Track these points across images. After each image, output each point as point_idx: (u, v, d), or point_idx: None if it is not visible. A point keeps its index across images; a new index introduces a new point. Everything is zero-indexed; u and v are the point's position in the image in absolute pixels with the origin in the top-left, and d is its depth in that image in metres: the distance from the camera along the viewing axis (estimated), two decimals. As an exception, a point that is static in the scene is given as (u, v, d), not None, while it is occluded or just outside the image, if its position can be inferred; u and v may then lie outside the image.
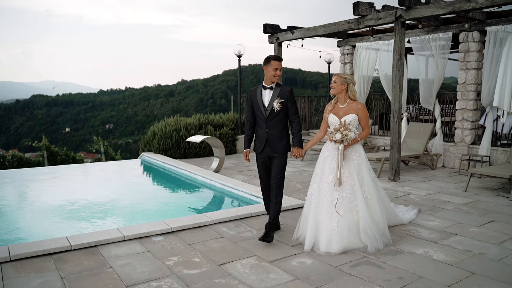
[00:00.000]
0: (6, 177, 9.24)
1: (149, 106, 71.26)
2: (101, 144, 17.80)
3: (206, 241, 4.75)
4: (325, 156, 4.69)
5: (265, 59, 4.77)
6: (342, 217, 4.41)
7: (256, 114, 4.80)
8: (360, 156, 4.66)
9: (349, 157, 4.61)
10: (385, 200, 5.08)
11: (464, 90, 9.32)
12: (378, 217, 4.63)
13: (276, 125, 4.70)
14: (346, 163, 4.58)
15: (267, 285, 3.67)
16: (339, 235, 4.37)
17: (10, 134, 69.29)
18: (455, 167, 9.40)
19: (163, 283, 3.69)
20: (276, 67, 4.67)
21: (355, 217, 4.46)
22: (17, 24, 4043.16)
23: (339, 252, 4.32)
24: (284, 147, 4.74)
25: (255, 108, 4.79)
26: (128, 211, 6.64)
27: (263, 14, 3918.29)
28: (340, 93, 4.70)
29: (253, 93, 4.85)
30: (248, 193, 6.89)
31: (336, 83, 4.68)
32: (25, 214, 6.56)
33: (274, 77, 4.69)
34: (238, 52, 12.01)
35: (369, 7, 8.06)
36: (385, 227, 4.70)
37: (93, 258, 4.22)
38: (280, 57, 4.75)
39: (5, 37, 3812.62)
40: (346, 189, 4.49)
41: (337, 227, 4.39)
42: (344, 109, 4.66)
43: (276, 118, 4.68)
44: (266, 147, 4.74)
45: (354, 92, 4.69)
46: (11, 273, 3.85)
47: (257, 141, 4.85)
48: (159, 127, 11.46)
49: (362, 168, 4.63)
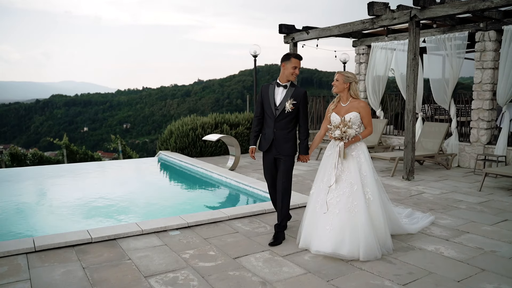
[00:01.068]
0: (30, 174, 9.55)
1: (165, 106, 71.96)
2: (119, 142, 18.10)
3: (221, 236, 4.89)
4: (327, 155, 4.58)
5: (284, 55, 4.60)
6: (336, 217, 4.24)
7: (265, 112, 4.62)
8: (363, 154, 4.50)
9: (350, 155, 4.47)
10: (389, 207, 4.79)
11: (480, 90, 9.28)
12: (380, 222, 4.37)
13: (284, 126, 4.53)
14: (347, 161, 4.44)
15: (279, 277, 3.79)
16: (331, 234, 4.20)
17: (30, 133, 70.72)
18: (470, 167, 9.38)
19: (180, 274, 3.83)
20: (296, 65, 4.50)
21: (353, 218, 4.23)
22: (38, 25, 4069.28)
23: (328, 253, 4.16)
24: (290, 149, 4.58)
25: (265, 105, 4.60)
26: (145, 207, 6.84)
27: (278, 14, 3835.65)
28: (342, 91, 4.57)
29: (265, 89, 4.65)
30: (262, 191, 7.01)
31: (338, 82, 4.56)
32: (48, 209, 6.81)
33: (291, 75, 4.52)
34: (254, 52, 12.16)
35: (384, 7, 8.11)
36: (387, 236, 4.41)
37: (112, 250, 4.39)
38: (300, 56, 4.59)
39: (26, 38, 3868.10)
40: (344, 187, 4.33)
41: (330, 226, 4.24)
42: (346, 108, 4.54)
43: (286, 119, 4.51)
44: (272, 147, 4.59)
45: (356, 91, 4.57)
46: (36, 262, 4.05)
47: (263, 139, 4.69)
48: (176, 126, 11.68)
49: (364, 167, 4.44)
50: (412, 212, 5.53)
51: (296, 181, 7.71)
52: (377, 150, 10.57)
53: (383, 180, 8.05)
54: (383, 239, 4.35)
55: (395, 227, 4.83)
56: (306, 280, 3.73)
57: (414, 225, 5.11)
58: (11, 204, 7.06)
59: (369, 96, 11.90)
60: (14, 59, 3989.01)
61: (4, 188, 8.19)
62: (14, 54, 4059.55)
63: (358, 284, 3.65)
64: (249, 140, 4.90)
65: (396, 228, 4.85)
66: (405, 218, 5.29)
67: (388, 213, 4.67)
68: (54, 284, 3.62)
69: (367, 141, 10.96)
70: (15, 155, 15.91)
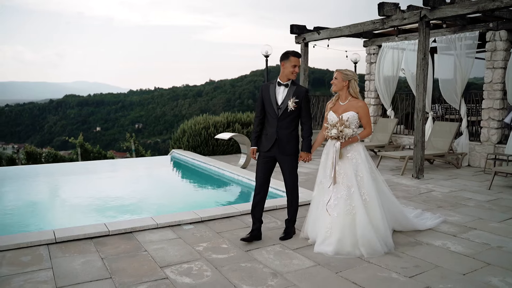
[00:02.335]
0: (47, 170, 9.83)
1: (177, 106, 72.46)
2: (132, 141, 18.35)
3: (234, 230, 5.04)
4: (326, 153, 4.54)
5: (283, 54, 4.53)
6: (335, 219, 4.25)
7: (267, 111, 4.55)
8: (360, 155, 4.42)
9: (347, 156, 4.40)
10: (390, 203, 4.74)
11: (491, 89, 9.32)
12: (378, 221, 4.35)
13: (287, 125, 4.48)
14: (343, 162, 4.39)
15: (289, 269, 3.93)
16: (331, 238, 4.24)
17: (44, 133, 71.75)
18: (480, 166, 9.41)
19: (194, 265, 4.00)
20: (295, 64, 4.45)
21: (352, 220, 4.25)
22: (51, 26, 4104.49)
23: (331, 255, 4.17)
24: (293, 148, 4.54)
25: (267, 105, 4.54)
26: (160, 202, 7.04)
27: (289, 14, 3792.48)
28: (341, 90, 4.49)
29: (265, 89, 4.59)
30: (273, 188, 7.12)
31: (337, 80, 4.47)
32: (67, 203, 7.07)
33: (291, 74, 4.46)
34: (265, 52, 12.30)
35: (394, 7, 8.20)
36: (387, 234, 4.39)
37: (129, 242, 4.58)
38: (299, 53, 4.53)
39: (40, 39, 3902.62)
40: (341, 190, 4.31)
41: (330, 229, 4.26)
42: (344, 107, 4.46)
43: (288, 117, 4.46)
44: (274, 147, 4.52)
45: (355, 89, 4.47)
46: (57, 253, 4.25)
47: (264, 139, 4.59)
48: (189, 125, 11.89)
49: (361, 168, 4.39)
50: (422, 213, 5.49)
51: (307, 179, 7.84)
52: (388, 149, 10.64)
53: (393, 178, 8.14)
54: (383, 238, 4.33)
55: (403, 222, 4.85)
56: (316, 272, 3.86)
57: (423, 222, 5.12)
58: (31, 199, 7.34)
59: (381, 95, 11.97)
60: (28, 59, 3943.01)
61: (23, 184, 8.48)
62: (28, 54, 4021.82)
63: (366, 276, 3.78)
64: (251, 141, 4.76)
65: (404, 224, 4.87)
66: (414, 218, 5.21)
67: (392, 210, 4.67)
68: (75, 272, 3.81)
69: (378, 140, 11.06)
70: (31, 154, 16.25)
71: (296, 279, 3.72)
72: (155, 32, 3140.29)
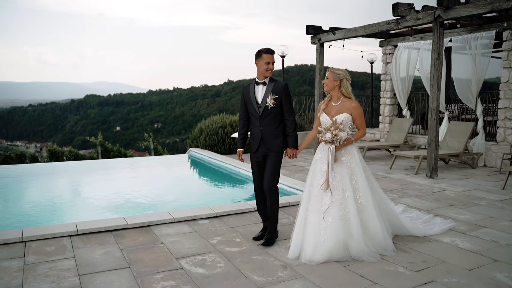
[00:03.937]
0: (71, 167, 10.20)
1: (196, 106, 73.05)
2: (151, 141, 18.69)
3: (247, 225, 5.22)
4: (316, 159, 4.40)
5: (256, 52, 4.50)
6: (330, 225, 4.10)
7: (249, 112, 4.56)
8: (354, 158, 4.31)
9: (341, 160, 4.28)
10: (386, 207, 4.62)
11: (507, 89, 9.28)
12: (376, 226, 4.26)
13: (270, 123, 4.45)
14: (338, 166, 4.26)
15: (299, 262, 4.08)
16: (325, 243, 4.07)
17: (66, 132, 73.21)
18: (496, 167, 9.38)
19: (208, 257, 4.19)
20: (268, 61, 4.40)
21: (347, 225, 4.14)
22: (73, 28, 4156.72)
23: (322, 261, 4.02)
24: (280, 145, 4.49)
25: (248, 105, 4.54)
26: (177, 198, 7.29)
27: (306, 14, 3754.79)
28: (332, 90, 4.38)
29: (246, 90, 4.61)
30: (287, 185, 7.30)
31: (328, 79, 4.37)
32: (89, 198, 7.37)
33: (266, 71, 4.43)
34: (282, 52, 12.42)
35: (408, 7, 8.26)
36: (386, 237, 4.29)
37: (146, 235, 4.79)
38: (272, 50, 4.47)
39: (62, 40, 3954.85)
40: (336, 194, 4.18)
41: (324, 235, 4.10)
42: (337, 108, 4.35)
43: (270, 115, 4.43)
44: (261, 145, 4.51)
45: (348, 89, 4.35)
46: (79, 244, 4.50)
47: (251, 140, 4.62)
48: (206, 124, 12.12)
49: (355, 172, 4.28)
50: (432, 218, 5.29)
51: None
52: (403, 148, 10.68)
53: (406, 177, 8.20)
54: (382, 241, 4.25)
55: (394, 226, 4.66)
56: (324, 265, 4.00)
57: (423, 228, 4.91)
58: (55, 194, 7.66)
59: (398, 95, 11.99)
60: (50, 60, 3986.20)
61: (47, 181, 8.84)
62: (50, 55, 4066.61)
63: (373, 270, 3.91)
64: (237, 143, 4.84)
65: (397, 228, 4.69)
66: (421, 224, 5.05)
67: (387, 214, 4.55)
68: (95, 262, 4.04)
69: (393, 139, 11.10)
70: (53, 152, 16.75)
71: (305, 271, 3.87)
72: (175, 33, 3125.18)
